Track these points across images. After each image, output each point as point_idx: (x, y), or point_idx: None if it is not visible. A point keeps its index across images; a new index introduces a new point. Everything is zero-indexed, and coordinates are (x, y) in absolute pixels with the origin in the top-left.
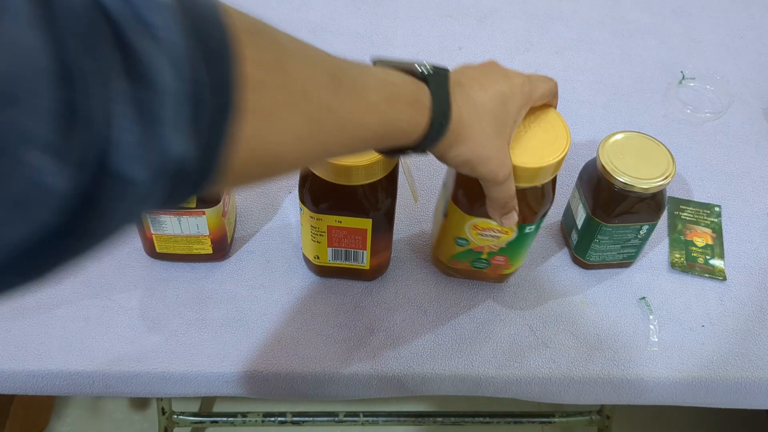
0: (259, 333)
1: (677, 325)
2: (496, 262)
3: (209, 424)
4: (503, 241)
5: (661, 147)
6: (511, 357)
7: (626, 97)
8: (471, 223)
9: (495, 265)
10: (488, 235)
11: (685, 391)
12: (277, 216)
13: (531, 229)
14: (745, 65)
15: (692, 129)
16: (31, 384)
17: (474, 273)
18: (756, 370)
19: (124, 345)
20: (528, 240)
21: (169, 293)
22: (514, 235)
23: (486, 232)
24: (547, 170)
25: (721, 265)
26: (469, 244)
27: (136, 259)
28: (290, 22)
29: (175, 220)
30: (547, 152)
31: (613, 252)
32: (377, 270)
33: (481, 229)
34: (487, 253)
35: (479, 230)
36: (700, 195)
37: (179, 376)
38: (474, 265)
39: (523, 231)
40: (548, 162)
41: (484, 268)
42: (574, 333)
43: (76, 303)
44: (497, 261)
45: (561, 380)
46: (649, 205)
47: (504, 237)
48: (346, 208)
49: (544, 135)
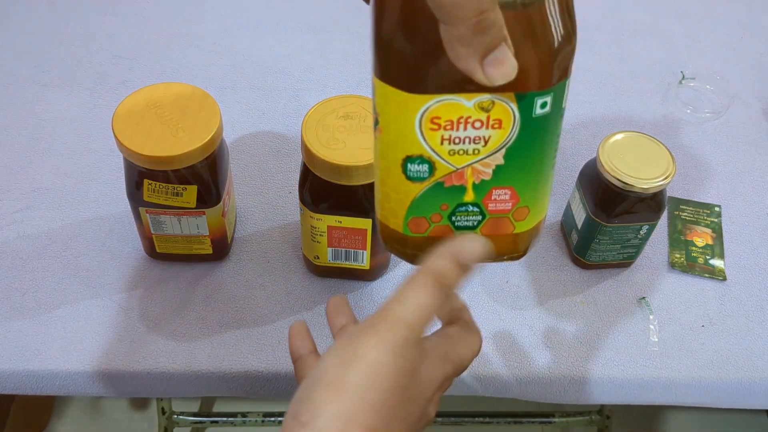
0: (259, 333)
1: (677, 325)
2: (495, 204)
3: (209, 424)
4: (498, 147)
5: (661, 147)
6: (511, 357)
7: (626, 97)
8: (425, 112)
9: (495, 214)
10: (465, 139)
11: (685, 391)
12: (277, 216)
13: (545, 103)
14: (745, 65)
15: (692, 129)
16: (31, 384)
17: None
18: (756, 370)
19: (124, 345)
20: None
21: (169, 293)
22: (514, 126)
23: (459, 132)
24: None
25: (721, 265)
26: (433, 169)
27: (136, 259)
28: (290, 22)
29: (175, 220)
30: None
31: (613, 252)
32: (377, 270)
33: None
34: (473, 185)
35: (444, 129)
36: (700, 195)
37: (179, 376)
38: (456, 220)
39: (532, 109)
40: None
41: (477, 227)
42: (574, 333)
43: (76, 303)
44: (498, 201)
45: (561, 380)
46: (649, 205)
47: (497, 134)
48: (346, 208)
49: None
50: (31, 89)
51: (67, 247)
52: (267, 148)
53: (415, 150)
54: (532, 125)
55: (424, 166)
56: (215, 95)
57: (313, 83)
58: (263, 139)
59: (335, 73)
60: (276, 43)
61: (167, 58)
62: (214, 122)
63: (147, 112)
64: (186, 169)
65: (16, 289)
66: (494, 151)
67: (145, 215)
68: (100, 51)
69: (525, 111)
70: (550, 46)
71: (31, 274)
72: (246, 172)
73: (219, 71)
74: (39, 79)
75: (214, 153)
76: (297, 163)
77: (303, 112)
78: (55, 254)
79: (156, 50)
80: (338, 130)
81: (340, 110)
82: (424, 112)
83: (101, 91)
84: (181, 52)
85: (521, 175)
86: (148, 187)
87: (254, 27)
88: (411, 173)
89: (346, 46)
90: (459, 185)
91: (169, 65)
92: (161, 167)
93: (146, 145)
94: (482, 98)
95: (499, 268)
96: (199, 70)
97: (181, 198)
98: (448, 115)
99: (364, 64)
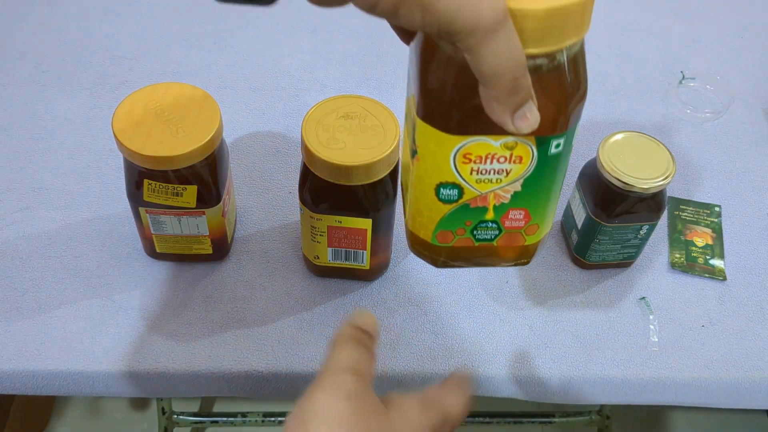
0: (259, 333)
1: (677, 325)
2: (511, 222)
3: (209, 424)
4: (517, 177)
5: (661, 147)
6: (511, 357)
7: (626, 97)
8: (459, 149)
9: (510, 230)
10: (491, 171)
11: (685, 391)
12: (277, 216)
13: (559, 144)
14: (745, 65)
15: (692, 129)
16: (31, 384)
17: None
18: (756, 370)
19: (124, 345)
20: (557, 169)
21: (169, 293)
22: (532, 161)
23: (486, 164)
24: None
25: (721, 265)
26: (462, 194)
27: (136, 259)
28: (290, 21)
29: (175, 220)
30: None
31: (613, 252)
32: (377, 270)
33: (478, 160)
34: (494, 207)
35: (474, 162)
36: (700, 195)
37: (179, 376)
38: (477, 234)
39: (548, 149)
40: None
41: (494, 239)
42: (574, 333)
43: (76, 303)
44: (513, 220)
45: (561, 380)
46: (649, 205)
47: (517, 168)
48: (346, 208)
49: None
50: (31, 89)
51: (67, 247)
52: (267, 148)
53: (448, 178)
54: (547, 161)
55: (455, 191)
56: (215, 95)
57: (313, 83)
58: (263, 139)
59: (335, 73)
60: (276, 43)
61: (167, 58)
62: (214, 122)
63: (147, 112)
64: (186, 169)
65: (16, 289)
66: (514, 180)
67: (145, 215)
68: (100, 51)
69: (542, 150)
70: (567, 102)
71: (31, 274)
72: (246, 172)
73: (219, 71)
74: (39, 79)
75: (214, 153)
76: (297, 163)
77: (303, 112)
78: (55, 254)
79: (156, 50)
80: (338, 130)
81: (340, 110)
82: (459, 149)
83: (101, 91)
84: (181, 52)
85: (534, 200)
86: (148, 187)
87: (254, 27)
88: (443, 196)
89: (346, 46)
90: (482, 206)
91: (169, 65)
92: (161, 167)
93: (146, 145)
94: (508, 140)
95: (499, 269)
96: (199, 70)
97: (181, 198)
98: (478, 151)
99: (364, 64)
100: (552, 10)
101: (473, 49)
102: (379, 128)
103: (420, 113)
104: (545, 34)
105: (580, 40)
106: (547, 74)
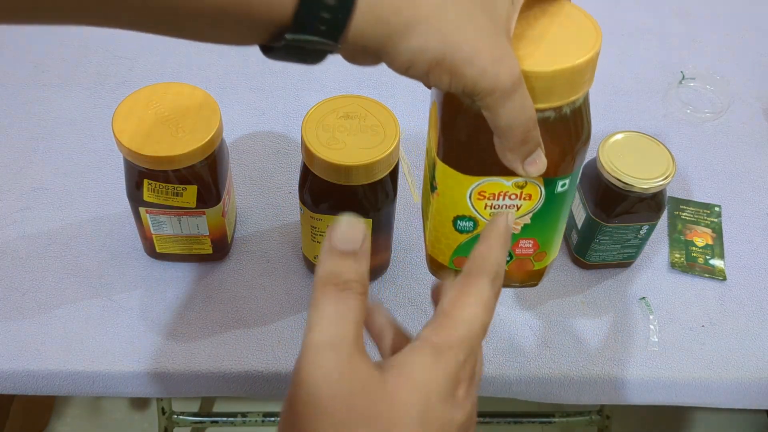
0: (259, 333)
1: (677, 325)
2: (521, 250)
3: (209, 424)
4: (527, 212)
5: (661, 147)
6: (511, 357)
7: (626, 97)
8: (474, 188)
9: (520, 257)
10: (503, 206)
11: (685, 391)
12: (277, 216)
13: (565, 184)
14: (745, 65)
15: (692, 129)
16: (31, 384)
17: None
18: (756, 370)
19: (124, 345)
20: (563, 204)
21: (169, 293)
22: (540, 198)
23: (499, 200)
24: (577, 74)
25: (721, 265)
26: (476, 225)
27: (136, 259)
28: None
29: (175, 220)
30: (570, 50)
31: (613, 252)
32: (377, 270)
33: (491, 197)
34: None
35: (488, 199)
36: (700, 195)
37: (179, 376)
38: None
39: (555, 188)
40: (577, 61)
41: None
42: (574, 333)
43: (76, 303)
44: (524, 248)
45: (561, 380)
46: (649, 205)
47: (527, 204)
48: (346, 208)
49: (561, 29)
50: (31, 89)
51: (67, 247)
52: (267, 148)
53: (464, 212)
54: (554, 198)
55: (470, 223)
56: (215, 95)
57: (313, 83)
58: (263, 139)
59: (335, 73)
60: None
61: (167, 58)
62: (214, 122)
63: (147, 112)
64: (186, 169)
65: (16, 289)
66: (524, 215)
67: (145, 215)
68: (100, 51)
69: (550, 189)
70: (572, 147)
71: (31, 274)
72: (246, 172)
73: (219, 71)
74: (39, 79)
75: (214, 153)
76: (297, 163)
77: (303, 112)
78: (55, 254)
79: (156, 50)
80: (338, 130)
81: (340, 110)
82: (474, 187)
83: (101, 91)
84: (181, 52)
85: (542, 231)
86: (148, 187)
87: None
88: (459, 227)
89: None
90: None
91: (169, 65)
92: (161, 167)
93: (146, 145)
94: (518, 180)
95: None
96: (199, 70)
97: (181, 198)
98: (491, 189)
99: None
100: (558, 72)
101: (491, 108)
102: (379, 128)
103: (440, 155)
104: (552, 92)
105: (584, 94)
106: (554, 124)
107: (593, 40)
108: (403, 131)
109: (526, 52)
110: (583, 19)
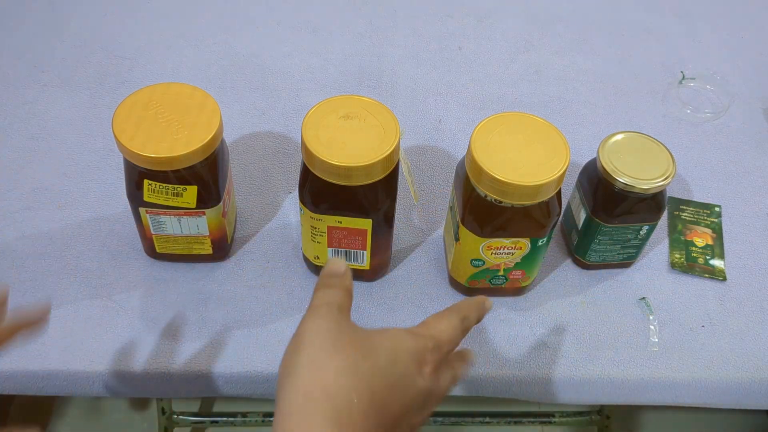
0: (259, 333)
1: (677, 325)
2: (513, 276)
3: (209, 424)
4: (518, 257)
5: (661, 147)
6: (511, 357)
7: (626, 97)
8: (484, 244)
9: (513, 279)
10: (503, 253)
11: (685, 391)
12: (277, 216)
13: (543, 241)
14: (745, 65)
15: (692, 129)
16: (31, 384)
17: (492, 290)
18: (756, 370)
19: (124, 345)
20: (542, 251)
21: (169, 293)
22: (527, 249)
23: (500, 251)
24: (548, 186)
25: (721, 265)
26: (484, 263)
27: (136, 259)
28: (290, 22)
29: (175, 220)
30: (547, 168)
31: (613, 252)
32: (377, 270)
33: (495, 249)
34: (503, 269)
35: (493, 249)
36: (700, 195)
37: (179, 376)
38: (492, 282)
39: (536, 244)
40: (549, 178)
41: (503, 284)
42: (574, 333)
43: (76, 303)
44: (514, 275)
45: (561, 380)
46: (649, 205)
47: (518, 252)
48: (346, 208)
49: (543, 150)
50: (31, 89)
51: (67, 247)
52: (267, 148)
53: (477, 256)
54: (536, 248)
55: (481, 262)
56: (215, 95)
57: (313, 83)
58: (263, 139)
59: (335, 73)
60: (276, 43)
61: (167, 58)
62: (214, 122)
63: (147, 112)
64: (186, 170)
65: (16, 289)
66: (517, 258)
67: (145, 215)
68: (100, 51)
69: (534, 244)
70: (547, 224)
71: (31, 274)
72: (246, 172)
73: (219, 71)
74: (39, 79)
75: (214, 153)
76: (297, 163)
77: (303, 112)
78: (55, 254)
79: (156, 50)
80: (338, 130)
81: (340, 110)
82: (485, 243)
83: (101, 91)
84: (181, 52)
85: (528, 266)
86: (148, 187)
87: (254, 27)
88: (473, 264)
89: (346, 46)
90: (496, 269)
91: (169, 65)
92: (161, 167)
93: (146, 145)
94: (515, 239)
95: None
96: (199, 70)
97: (181, 198)
98: (496, 244)
99: (364, 65)
100: (536, 185)
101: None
102: (379, 128)
103: (462, 222)
104: (532, 195)
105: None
106: (533, 209)
107: (563, 159)
108: (403, 131)
109: (517, 170)
110: (559, 140)
